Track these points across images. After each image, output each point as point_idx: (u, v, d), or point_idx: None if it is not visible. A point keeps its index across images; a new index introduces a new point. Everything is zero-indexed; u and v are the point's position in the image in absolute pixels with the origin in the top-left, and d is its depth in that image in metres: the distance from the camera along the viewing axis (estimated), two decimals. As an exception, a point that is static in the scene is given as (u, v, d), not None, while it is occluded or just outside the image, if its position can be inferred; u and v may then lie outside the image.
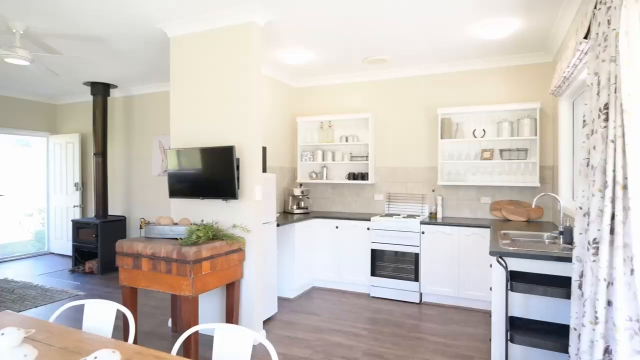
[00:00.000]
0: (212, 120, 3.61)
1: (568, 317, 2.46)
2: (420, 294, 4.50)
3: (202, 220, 3.61)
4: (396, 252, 4.57)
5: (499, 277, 2.64)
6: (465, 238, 4.28)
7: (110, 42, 4.18)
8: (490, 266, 3.86)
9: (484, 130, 4.72)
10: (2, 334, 1.16)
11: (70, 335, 1.79)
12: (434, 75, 5.01)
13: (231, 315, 3.36)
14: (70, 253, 7.01)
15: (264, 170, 4.33)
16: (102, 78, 5.75)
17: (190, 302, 2.91)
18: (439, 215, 4.83)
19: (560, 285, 2.43)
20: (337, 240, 4.92)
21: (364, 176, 5.23)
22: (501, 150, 4.60)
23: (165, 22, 3.67)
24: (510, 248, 2.68)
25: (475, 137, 4.73)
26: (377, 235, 4.65)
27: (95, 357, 1.05)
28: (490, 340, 3.48)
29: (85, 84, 6.03)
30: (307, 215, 5.07)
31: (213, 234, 3.22)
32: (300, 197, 5.30)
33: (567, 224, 3.22)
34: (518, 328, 2.55)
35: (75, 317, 4.01)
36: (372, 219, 4.68)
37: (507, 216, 4.56)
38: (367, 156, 5.28)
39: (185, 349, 2.86)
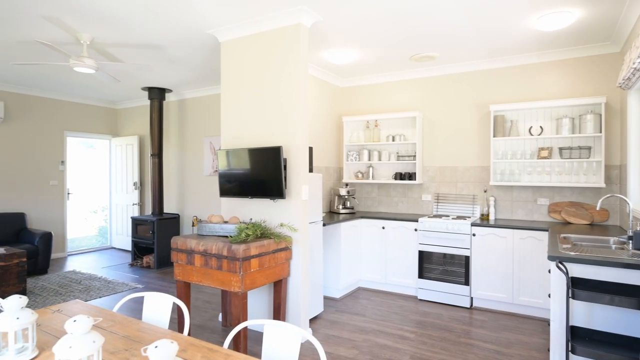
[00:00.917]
0: (261, 121, 3.69)
1: (639, 329, 2.26)
2: (471, 298, 4.34)
3: (251, 219, 3.71)
4: (445, 255, 4.43)
5: (558, 283, 2.48)
6: (520, 241, 4.07)
7: (166, 49, 4.41)
8: (549, 272, 3.65)
9: (541, 127, 4.46)
10: (75, 320, 1.26)
11: (131, 325, 1.90)
12: (485, 70, 4.80)
13: (278, 313, 3.42)
14: (129, 248, 7.49)
15: (310, 170, 4.37)
16: (158, 83, 6.08)
17: (239, 298, 2.99)
18: (491, 217, 4.62)
19: (630, 295, 2.24)
20: (384, 240, 4.86)
21: (411, 176, 5.13)
22: (560, 149, 4.32)
23: (216, 28, 3.81)
24: (572, 253, 2.51)
25: (532, 134, 4.48)
26: (425, 237, 4.54)
27: (156, 346, 1.11)
28: (548, 350, 3.28)
29: (143, 89, 6.41)
30: (353, 215, 5.05)
31: (261, 233, 3.30)
32: (346, 197, 5.29)
33: (638, 228, 2.96)
34: (580, 338, 2.38)
35: (135, 307, 4.28)
36: (419, 219, 4.58)
37: (567, 219, 4.27)
38: (414, 155, 5.17)
39: (235, 343, 2.95)
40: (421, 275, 4.56)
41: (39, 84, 6.18)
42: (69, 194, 7.11)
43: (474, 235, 4.29)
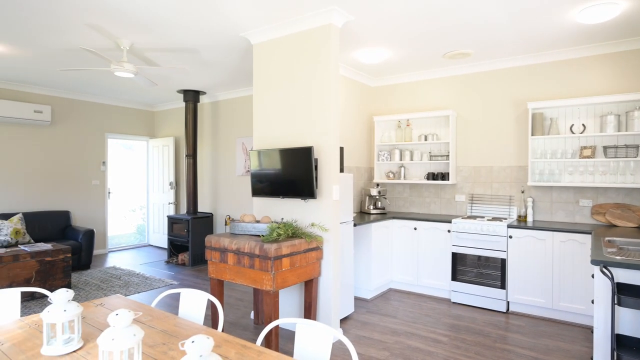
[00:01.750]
0: (292, 121, 3.73)
1: (694, 340, 2.11)
2: (507, 302, 4.19)
3: (282, 219, 3.75)
4: (480, 257, 4.31)
5: (603, 289, 2.35)
6: (560, 244, 3.89)
7: (200, 52, 4.53)
8: (592, 276, 3.47)
9: (583, 125, 4.25)
10: (117, 314, 1.31)
11: (168, 320, 1.97)
12: (523, 66, 4.63)
13: (309, 312, 3.44)
14: (165, 245, 7.75)
15: (341, 170, 4.36)
16: (193, 86, 6.26)
17: (271, 297, 3.03)
18: (529, 219, 4.45)
19: (684, 303, 2.10)
20: (416, 241, 4.78)
21: (444, 176, 5.02)
22: (605, 147, 4.10)
23: (249, 31, 3.88)
24: (618, 257, 2.38)
25: (573, 132, 4.28)
26: (458, 238, 4.43)
27: (193, 341, 1.14)
28: (591, 359, 3.12)
29: (179, 91, 6.61)
30: (384, 215, 5.00)
31: (292, 232, 3.33)
32: (377, 197, 5.25)
33: (692, 232, 2.76)
34: (627, 348, 2.25)
35: (171, 303, 4.42)
36: (453, 220, 4.47)
37: (612, 221, 4.05)
38: (447, 155, 5.05)
39: (267, 340, 2.99)
40: (454, 277, 4.45)
41: (82, 88, 6.50)
42: (109, 193, 7.44)
43: (510, 237, 4.15)
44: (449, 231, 4.55)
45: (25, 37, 4.06)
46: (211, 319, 3.50)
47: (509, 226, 4.16)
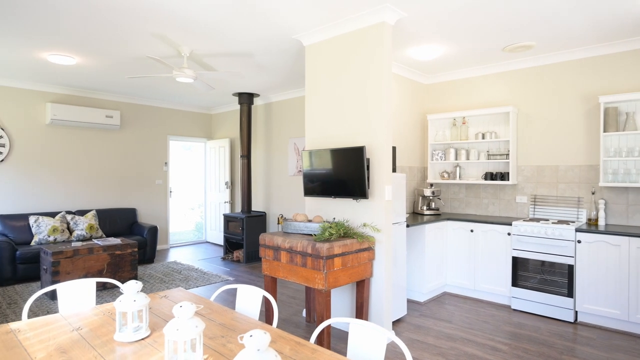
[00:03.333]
0: (344, 121, 3.73)
1: None
2: (575, 312, 3.89)
3: (334, 218, 3.76)
4: (543, 262, 4.04)
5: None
6: (637, 251, 3.55)
7: (254, 56, 4.67)
8: (676, 287, 3.14)
9: (665, 119, 3.84)
10: (181, 306, 1.39)
11: (226, 314, 2.04)
12: (593, 58, 4.27)
13: (360, 313, 3.42)
14: (221, 242, 8.07)
15: (394, 170, 4.29)
16: (248, 88, 6.47)
17: (323, 296, 3.05)
18: (601, 222, 4.10)
19: None
20: (472, 244, 4.59)
21: (503, 176, 4.76)
22: (692, 144, 3.68)
23: (301, 33, 3.93)
24: None
25: (653, 128, 3.88)
26: (519, 242, 4.18)
27: (251, 336, 1.18)
28: (676, 379, 2.81)
29: (234, 94, 6.87)
30: (438, 216, 4.85)
31: (344, 232, 3.32)
32: (431, 197, 5.10)
33: None
34: None
35: (227, 298, 4.59)
36: (513, 223, 4.23)
37: (702, 226, 3.62)
38: (507, 154, 4.79)
39: (319, 339, 3.01)
40: (515, 283, 4.21)
41: (147, 94, 6.95)
42: (170, 192, 7.90)
43: (579, 242, 3.85)
44: (509, 234, 4.31)
45: (97, 49, 4.42)
46: (265, 315, 3.59)
47: (578, 230, 3.86)
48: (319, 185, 3.75)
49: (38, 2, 3.24)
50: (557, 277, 3.95)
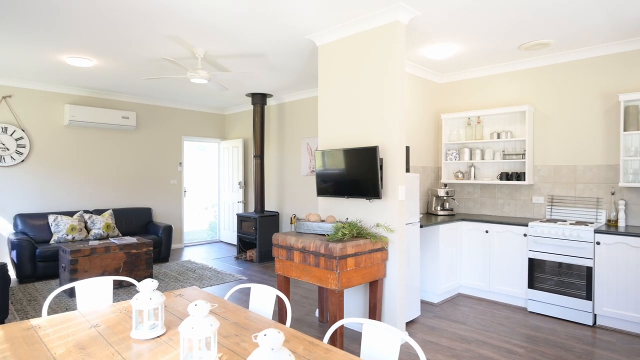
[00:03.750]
0: (357, 121, 3.71)
1: None
2: (594, 315, 3.81)
3: (347, 219, 3.75)
4: (561, 264, 3.96)
5: None
6: (659, 253, 3.45)
7: (267, 56, 4.69)
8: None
9: (689, 117, 3.73)
10: (195, 304, 1.40)
11: (240, 313, 2.06)
12: (612, 55, 4.18)
13: (374, 313, 3.40)
14: (235, 242, 8.13)
15: (407, 170, 4.26)
16: (261, 89, 6.50)
17: (336, 296, 3.05)
18: (621, 223, 4.00)
19: None
20: (487, 245, 4.52)
21: (519, 176, 4.69)
22: None
23: (314, 33, 3.93)
24: None
25: (676, 127, 3.77)
26: (536, 243, 4.11)
27: (265, 335, 1.18)
28: (700, 385, 2.72)
29: (247, 95, 6.91)
30: (452, 217, 4.80)
31: (357, 232, 3.32)
32: (445, 198, 5.05)
33: None
34: None
35: (240, 297, 4.63)
36: (530, 224, 4.16)
37: None
38: (523, 154, 4.71)
39: (331, 339, 3.01)
40: (531, 285, 4.14)
41: (162, 95, 7.05)
42: (185, 192, 7.99)
43: (598, 243, 3.76)
44: (525, 235, 4.24)
45: (114, 51, 4.49)
46: (278, 314, 3.60)
47: (596, 231, 3.77)
48: (332, 185, 3.75)
49: (58, 7, 3.31)
50: (575, 279, 3.87)
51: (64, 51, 4.53)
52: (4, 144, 5.80)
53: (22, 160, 5.98)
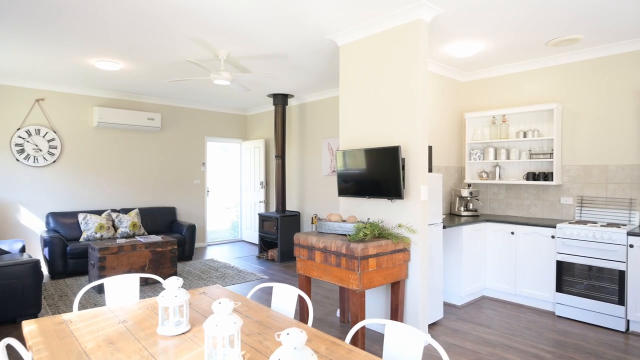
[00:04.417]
0: (378, 121, 3.69)
1: None
2: (627, 321, 3.66)
3: (368, 219, 3.73)
4: (591, 267, 3.82)
5: None
6: (698, 257, 3.29)
7: (289, 57, 4.72)
8: None
9: None
10: (219, 302, 1.42)
11: (262, 312, 2.08)
12: (647, 49, 4.00)
13: (395, 314, 3.37)
14: (256, 241, 8.21)
15: (430, 170, 4.21)
16: (282, 89, 6.55)
17: (357, 296, 3.04)
18: (656, 226, 3.84)
19: None
20: (513, 247, 4.41)
21: (546, 176, 4.55)
22: None
23: (335, 33, 3.93)
24: None
25: None
26: (564, 245, 3.98)
27: (288, 334, 1.19)
28: None
29: (269, 95, 6.97)
30: (476, 218, 4.71)
31: (379, 232, 3.29)
32: (469, 198, 4.96)
33: None
34: None
35: (262, 296, 4.67)
36: (558, 226, 4.04)
37: None
38: (550, 153, 4.58)
39: (353, 339, 3.00)
40: (560, 288, 4.01)
41: (186, 96, 7.19)
42: (208, 191, 8.12)
43: (631, 246, 3.61)
44: (553, 237, 4.12)
45: (140, 54, 4.61)
46: (299, 313, 3.62)
47: (630, 234, 3.62)
48: (353, 185, 3.74)
49: (88, 14, 3.43)
50: (607, 283, 3.73)
51: (93, 55, 4.68)
52: (37, 145, 6.04)
53: (54, 161, 6.21)
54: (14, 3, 3.24)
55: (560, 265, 4.02)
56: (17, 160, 5.90)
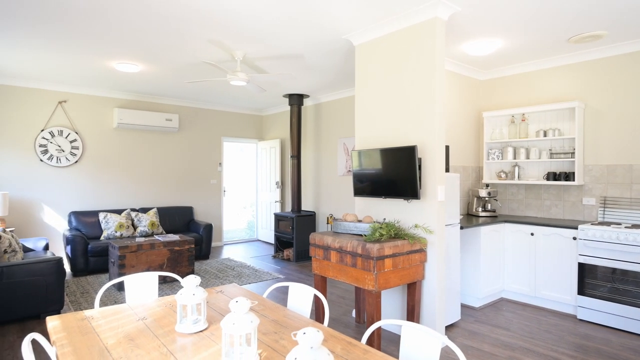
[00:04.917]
0: (395, 120, 3.66)
1: None
2: (653, 325, 3.54)
3: (384, 219, 3.71)
4: (614, 270, 3.72)
5: None
6: None
7: (304, 57, 4.73)
8: None
9: None
10: (237, 301, 1.44)
11: (279, 311, 2.09)
12: (675, 45, 3.86)
13: (412, 315, 3.34)
14: (272, 241, 8.26)
15: (447, 169, 4.16)
16: (298, 90, 6.56)
17: (373, 297, 3.02)
18: (684, 227, 3.70)
19: None
20: (532, 248, 4.32)
21: (568, 176, 4.45)
22: None
23: (351, 33, 3.92)
24: None
25: None
26: (586, 247, 3.88)
27: (304, 333, 1.19)
28: None
29: (284, 96, 7.00)
30: (494, 218, 4.63)
31: (395, 233, 3.27)
32: (487, 198, 4.88)
33: None
34: None
35: (277, 295, 4.69)
36: (580, 227, 3.94)
37: None
38: (572, 153, 4.46)
39: (369, 340, 2.98)
40: (582, 291, 3.91)
41: (203, 97, 7.28)
42: (224, 191, 8.21)
43: (657, 248, 3.50)
44: (574, 239, 4.02)
45: (159, 56, 4.69)
46: (315, 313, 3.62)
47: (656, 235, 3.51)
48: (369, 185, 3.72)
49: (107, 17, 3.50)
50: (632, 287, 3.62)
51: (114, 58, 4.78)
52: (60, 146, 6.21)
53: (76, 161, 6.37)
54: (42, 11, 3.34)
55: (582, 267, 3.91)
56: (41, 160, 6.07)
